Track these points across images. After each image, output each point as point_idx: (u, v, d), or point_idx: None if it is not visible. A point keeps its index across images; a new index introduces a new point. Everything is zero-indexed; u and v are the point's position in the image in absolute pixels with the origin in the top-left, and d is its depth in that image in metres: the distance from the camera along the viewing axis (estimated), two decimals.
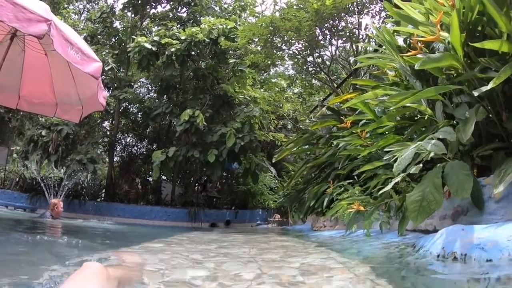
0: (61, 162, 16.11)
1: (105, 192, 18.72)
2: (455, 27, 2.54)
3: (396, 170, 2.94)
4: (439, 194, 2.72)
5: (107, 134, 19.89)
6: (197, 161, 15.62)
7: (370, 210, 4.47)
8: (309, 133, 9.16)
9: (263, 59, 12.89)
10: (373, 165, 4.69)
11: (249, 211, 18.68)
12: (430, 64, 2.80)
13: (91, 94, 6.96)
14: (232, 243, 5.66)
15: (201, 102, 16.66)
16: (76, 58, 5.78)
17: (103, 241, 6.48)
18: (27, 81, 7.58)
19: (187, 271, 2.58)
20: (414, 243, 2.97)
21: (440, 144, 2.77)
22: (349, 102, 5.00)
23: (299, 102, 19.17)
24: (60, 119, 14.81)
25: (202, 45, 15.87)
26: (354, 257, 3.20)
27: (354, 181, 6.38)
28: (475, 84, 2.76)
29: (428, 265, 2.27)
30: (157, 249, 4.42)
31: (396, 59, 4.18)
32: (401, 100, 2.97)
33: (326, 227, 7.33)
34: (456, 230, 2.40)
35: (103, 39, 18.98)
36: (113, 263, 2.89)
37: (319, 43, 11.82)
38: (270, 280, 2.22)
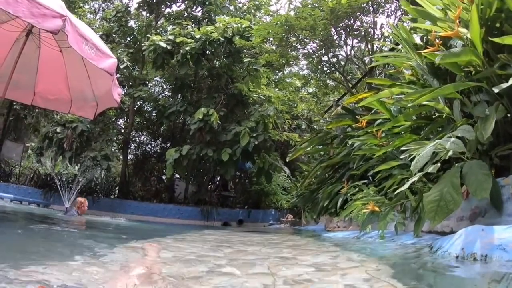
0: (75, 159, 16.26)
1: (118, 190, 18.85)
2: (475, 22, 2.48)
3: (414, 169, 2.87)
4: (458, 194, 2.65)
5: (121, 132, 20.02)
6: (210, 159, 15.63)
7: (385, 210, 4.40)
8: (323, 133, 9.08)
9: (278, 58, 12.84)
10: (389, 165, 4.62)
11: (262, 210, 18.65)
12: (450, 59, 2.73)
13: (106, 90, 6.96)
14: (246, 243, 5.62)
15: (215, 101, 16.67)
16: (90, 54, 5.77)
17: (124, 235, 6.59)
18: (42, 77, 7.61)
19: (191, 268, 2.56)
20: (431, 244, 2.90)
21: (459, 143, 2.70)
22: (364, 101, 4.93)
23: (314, 102, 19.08)
24: (75, 116, 14.95)
25: (216, 44, 15.88)
26: (369, 258, 3.13)
27: (369, 182, 6.30)
28: (494, 82, 2.68)
29: (447, 266, 2.20)
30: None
31: (412, 57, 4.11)
32: (419, 98, 2.90)
33: (339, 228, 7.26)
34: (476, 231, 2.33)
35: (118, 38, 19.11)
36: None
37: (334, 42, 11.73)
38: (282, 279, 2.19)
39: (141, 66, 19.36)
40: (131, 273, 2.34)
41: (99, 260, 2.77)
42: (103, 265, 2.57)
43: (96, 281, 2.05)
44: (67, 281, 1.93)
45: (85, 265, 2.45)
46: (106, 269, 2.45)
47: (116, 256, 3.19)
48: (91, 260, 2.76)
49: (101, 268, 2.43)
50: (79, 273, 2.18)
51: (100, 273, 2.23)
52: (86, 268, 2.33)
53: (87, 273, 2.22)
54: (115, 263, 2.73)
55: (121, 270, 2.49)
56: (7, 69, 6.52)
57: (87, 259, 2.75)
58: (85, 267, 2.38)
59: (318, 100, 19.01)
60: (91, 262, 2.66)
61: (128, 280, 2.10)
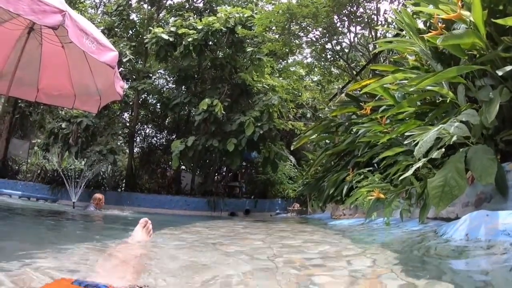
0: (81, 154, 16.34)
1: (125, 183, 18.94)
2: (477, 4, 2.43)
3: (418, 154, 2.84)
4: (462, 180, 2.62)
5: (126, 125, 20.06)
6: (216, 150, 15.64)
7: (390, 197, 4.38)
8: (328, 120, 9.05)
9: (281, 47, 12.79)
10: (394, 151, 4.59)
11: (268, 200, 18.68)
12: (453, 41, 2.69)
13: (109, 84, 6.98)
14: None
15: (220, 91, 16.64)
16: (91, 48, 5.77)
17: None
18: (45, 73, 7.64)
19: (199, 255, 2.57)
20: (435, 230, 2.88)
21: (463, 127, 2.66)
22: (368, 87, 4.88)
23: (318, 90, 19.00)
24: (79, 111, 15.01)
25: (219, 35, 15.82)
26: (374, 245, 3.13)
27: (374, 169, 6.27)
28: (498, 65, 2.64)
29: (451, 251, 2.18)
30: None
31: (416, 42, 4.07)
32: (422, 81, 2.86)
33: (345, 216, 7.26)
34: (481, 216, 2.31)
35: (120, 32, 19.08)
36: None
37: (337, 29, 11.66)
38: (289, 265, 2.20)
39: (144, 59, 19.34)
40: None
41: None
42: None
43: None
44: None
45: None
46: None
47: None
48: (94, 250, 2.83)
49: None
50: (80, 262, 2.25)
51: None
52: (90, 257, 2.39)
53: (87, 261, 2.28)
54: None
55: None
56: (10, 67, 6.57)
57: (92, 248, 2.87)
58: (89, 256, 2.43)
59: (322, 88, 18.91)
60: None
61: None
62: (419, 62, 4.90)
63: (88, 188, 15.69)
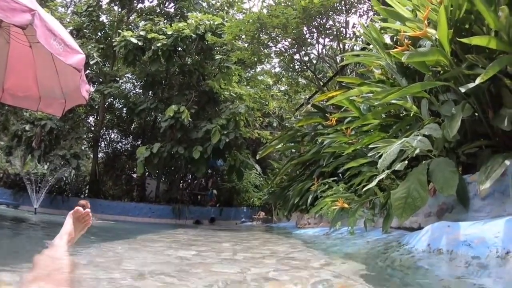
0: (44, 158, 15.91)
1: (89, 188, 18.53)
2: (443, 23, 2.53)
3: (381, 166, 2.91)
4: (424, 191, 2.70)
5: (91, 129, 19.67)
6: (182, 157, 15.53)
7: (354, 207, 4.46)
8: (294, 130, 9.14)
9: (250, 56, 12.84)
10: (358, 162, 4.68)
11: (233, 208, 18.63)
12: (417, 58, 2.78)
13: (74, 87, 6.81)
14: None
15: (187, 98, 16.57)
16: (59, 49, 5.63)
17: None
18: (12, 74, 7.39)
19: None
20: (398, 240, 2.95)
21: (425, 141, 2.75)
22: (334, 99, 4.97)
23: (285, 100, 19.14)
24: (44, 114, 14.63)
25: (188, 41, 15.79)
26: (338, 255, 3.17)
27: (339, 179, 6.37)
28: (461, 81, 2.74)
29: (413, 262, 2.24)
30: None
31: (382, 56, 4.17)
32: (387, 96, 2.95)
33: (310, 225, 7.31)
34: (442, 227, 2.38)
35: (89, 33, 18.76)
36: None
37: (306, 41, 11.81)
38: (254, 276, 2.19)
39: (111, 62, 19.06)
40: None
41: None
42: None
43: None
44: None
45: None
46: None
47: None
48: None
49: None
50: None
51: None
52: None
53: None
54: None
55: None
56: None
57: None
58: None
59: (289, 98, 19.07)
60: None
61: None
62: (385, 75, 5.02)
63: (50, 194, 15.29)
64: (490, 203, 2.55)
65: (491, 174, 2.30)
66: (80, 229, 2.68)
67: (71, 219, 2.65)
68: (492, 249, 1.93)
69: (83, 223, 2.70)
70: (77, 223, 2.66)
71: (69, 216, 2.66)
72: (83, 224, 2.70)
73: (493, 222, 2.13)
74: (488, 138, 2.90)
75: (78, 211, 2.68)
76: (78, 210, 2.68)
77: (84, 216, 2.70)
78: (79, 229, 2.67)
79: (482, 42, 2.45)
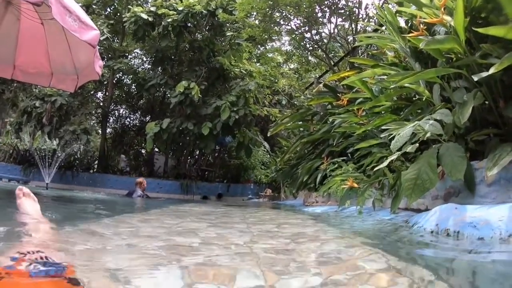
0: (54, 133, 16.06)
1: (97, 164, 18.73)
2: (460, 11, 2.59)
3: (394, 148, 3.02)
4: (434, 174, 2.81)
5: (100, 105, 19.77)
6: (190, 133, 15.62)
7: (363, 187, 4.58)
8: (304, 109, 9.22)
9: (261, 33, 12.82)
10: (369, 143, 4.78)
11: (241, 185, 18.82)
12: (434, 45, 2.86)
13: (87, 63, 6.90)
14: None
15: (197, 74, 16.56)
16: (74, 26, 5.70)
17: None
18: (23, 50, 7.46)
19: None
20: (407, 220, 3.07)
21: (437, 125, 2.85)
22: (347, 80, 5.04)
23: (295, 78, 19.12)
24: (53, 90, 14.71)
25: (199, 17, 15.72)
26: (349, 230, 3.30)
27: (348, 159, 6.48)
28: (474, 70, 2.82)
29: (422, 239, 2.37)
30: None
31: (396, 39, 4.23)
32: (401, 80, 3.03)
33: (318, 203, 7.45)
34: (450, 209, 2.50)
35: (98, 9, 18.66)
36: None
37: (318, 20, 11.76)
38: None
39: (121, 37, 19.03)
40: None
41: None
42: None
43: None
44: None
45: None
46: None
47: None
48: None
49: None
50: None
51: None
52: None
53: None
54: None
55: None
56: None
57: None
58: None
59: (299, 76, 19.05)
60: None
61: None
62: (398, 58, 5.09)
63: (60, 169, 15.51)
64: (495, 190, 2.66)
65: (499, 162, 2.41)
66: (34, 201, 3.11)
67: (24, 202, 3.05)
68: (496, 232, 2.06)
69: (30, 197, 3.11)
70: (28, 200, 3.08)
71: (20, 204, 3.04)
72: (30, 197, 3.12)
73: (498, 206, 2.26)
74: (497, 127, 2.99)
75: (17, 192, 3.09)
76: (16, 192, 3.10)
77: (24, 191, 3.10)
78: (33, 202, 3.10)
79: (500, 33, 2.51)
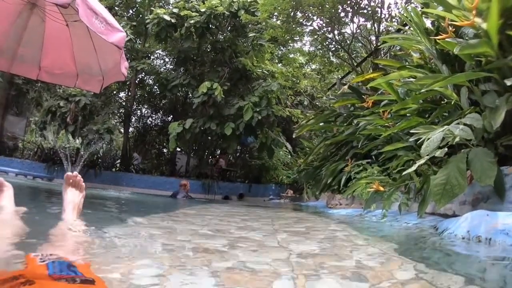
0: (78, 133, 16.35)
1: (120, 162, 19.00)
2: (494, 13, 2.55)
3: (424, 152, 2.98)
4: (463, 179, 2.77)
5: (123, 105, 20.05)
6: (213, 133, 15.74)
7: (389, 190, 4.54)
8: (329, 110, 9.17)
9: (283, 34, 12.82)
10: (395, 146, 4.74)
11: (262, 185, 18.86)
12: (468, 50, 2.82)
13: (113, 64, 6.97)
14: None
15: (219, 75, 16.67)
16: (100, 28, 5.76)
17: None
18: (48, 52, 7.58)
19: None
20: (435, 226, 3.04)
21: (468, 130, 2.81)
22: (373, 82, 5.00)
23: (317, 79, 19.06)
24: (77, 90, 14.98)
25: (221, 18, 15.82)
26: (377, 235, 3.27)
27: (372, 161, 6.43)
28: (505, 72, 2.77)
29: (453, 246, 2.34)
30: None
31: (422, 41, 4.18)
32: (432, 84, 2.99)
33: (341, 205, 7.40)
34: (481, 215, 2.46)
35: (120, 11, 18.95)
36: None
37: (341, 20, 11.70)
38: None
39: (143, 39, 19.27)
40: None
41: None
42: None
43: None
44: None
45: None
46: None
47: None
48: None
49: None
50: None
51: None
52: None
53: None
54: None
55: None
56: (11, 44, 6.52)
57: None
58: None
59: (322, 77, 18.98)
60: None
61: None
62: (423, 60, 5.02)
63: (83, 168, 15.77)
64: None
65: None
66: (79, 193, 2.74)
67: (67, 188, 2.71)
68: None
69: (78, 187, 2.75)
70: (74, 189, 2.73)
71: (64, 189, 2.72)
72: (78, 187, 2.75)
73: None
74: None
75: (68, 176, 2.72)
76: (68, 175, 2.73)
77: (75, 179, 2.73)
78: (78, 193, 2.73)
79: None
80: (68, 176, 2.74)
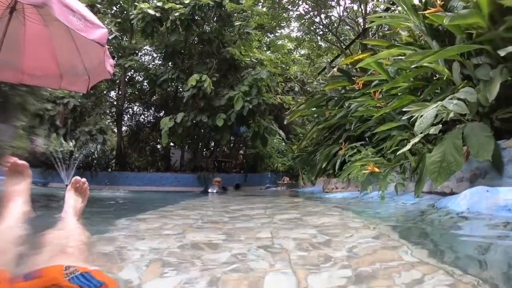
0: (70, 135, 16.15)
1: (115, 162, 18.85)
2: None
3: (418, 130, 2.91)
4: (460, 156, 2.71)
5: (114, 104, 19.85)
6: (205, 126, 15.62)
7: (385, 171, 4.48)
8: (320, 94, 9.09)
9: (269, 20, 12.68)
10: (388, 126, 4.68)
11: (258, 174, 18.78)
12: (458, 21, 2.74)
13: (98, 62, 6.84)
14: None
15: (208, 66, 16.49)
16: (79, 25, 5.61)
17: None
18: (29, 55, 7.44)
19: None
20: (433, 204, 2.98)
21: (462, 104, 2.74)
22: (362, 62, 4.91)
23: (307, 64, 18.94)
24: (65, 92, 14.77)
25: (206, 9, 15.59)
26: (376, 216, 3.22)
27: (366, 143, 6.38)
28: (497, 44, 2.69)
29: (453, 223, 2.28)
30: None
31: (411, 18, 4.10)
32: (422, 59, 2.91)
33: (338, 189, 7.36)
34: (481, 192, 2.40)
35: (103, 8, 18.62)
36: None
37: (327, 3, 11.58)
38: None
39: (129, 35, 18.99)
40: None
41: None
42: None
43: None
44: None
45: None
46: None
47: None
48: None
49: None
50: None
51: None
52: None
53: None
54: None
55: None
56: None
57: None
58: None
59: (311, 62, 18.86)
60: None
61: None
62: (412, 37, 4.95)
63: (78, 170, 15.63)
64: None
65: None
66: (81, 200, 2.69)
67: (71, 192, 2.67)
68: None
69: (82, 193, 2.72)
70: (77, 195, 2.69)
71: (68, 191, 2.68)
72: (83, 194, 2.72)
73: None
74: None
75: (76, 180, 2.71)
76: (76, 179, 2.72)
77: (82, 185, 2.71)
78: (80, 200, 2.68)
79: None
80: (76, 180, 2.71)
